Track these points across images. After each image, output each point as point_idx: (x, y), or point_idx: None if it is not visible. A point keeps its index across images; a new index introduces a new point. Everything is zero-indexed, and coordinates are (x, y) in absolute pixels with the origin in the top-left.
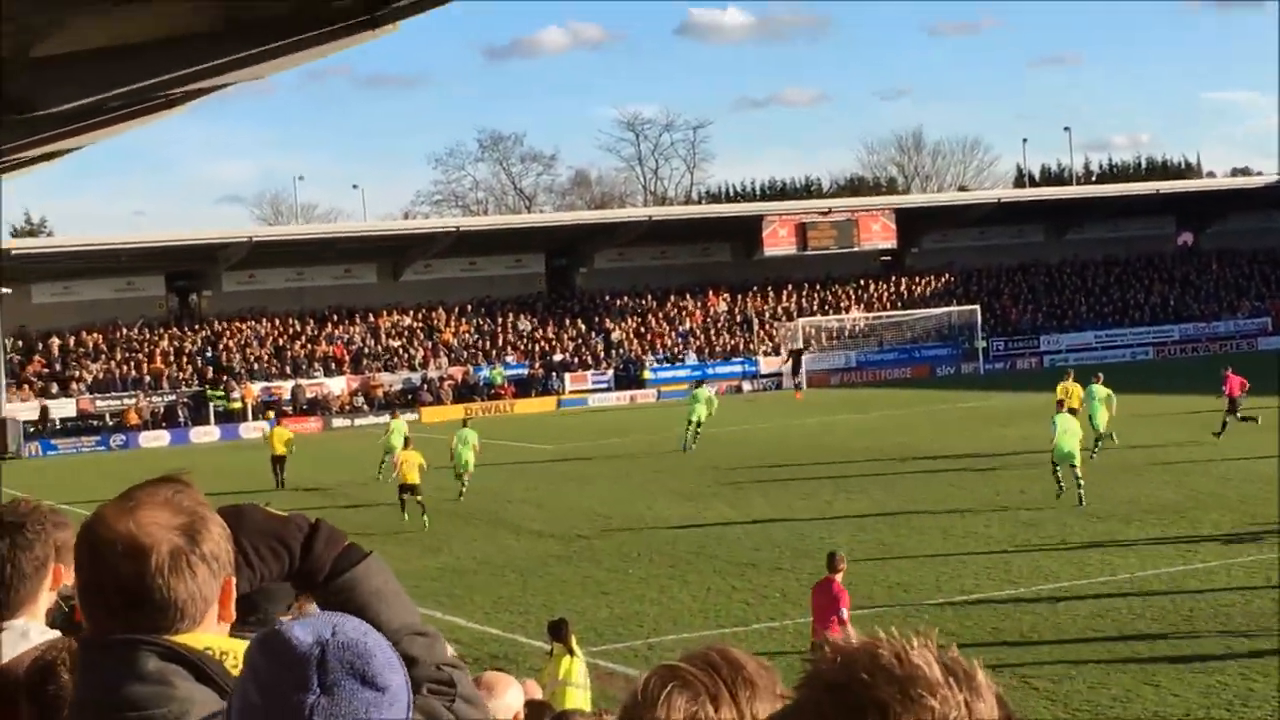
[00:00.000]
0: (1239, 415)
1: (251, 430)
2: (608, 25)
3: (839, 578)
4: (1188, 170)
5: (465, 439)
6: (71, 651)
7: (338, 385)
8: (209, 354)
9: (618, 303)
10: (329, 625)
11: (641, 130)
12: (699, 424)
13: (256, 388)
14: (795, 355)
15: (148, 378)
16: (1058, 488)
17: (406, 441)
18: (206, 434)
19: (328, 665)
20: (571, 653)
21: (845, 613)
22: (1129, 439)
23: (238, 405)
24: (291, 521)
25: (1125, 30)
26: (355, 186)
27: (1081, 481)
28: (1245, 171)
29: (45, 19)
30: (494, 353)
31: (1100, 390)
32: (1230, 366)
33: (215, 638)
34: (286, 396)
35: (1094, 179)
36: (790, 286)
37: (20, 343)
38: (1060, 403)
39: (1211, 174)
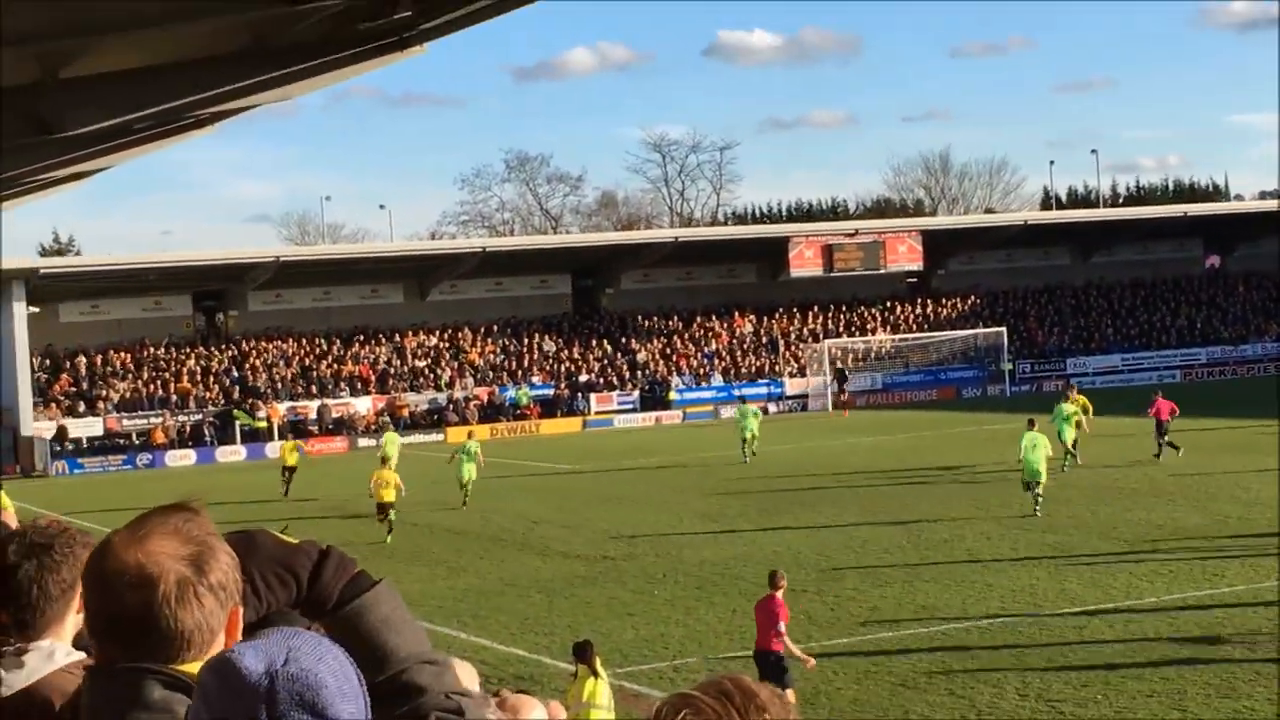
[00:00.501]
0: (1164, 440)
1: (278, 450)
2: (635, 46)
3: (779, 594)
4: (1215, 193)
5: (469, 452)
6: None
7: (364, 405)
8: (235, 373)
9: (644, 324)
10: (283, 651)
11: (668, 151)
12: (754, 438)
13: (282, 407)
14: (839, 375)
15: (174, 397)
16: (1034, 505)
17: (384, 460)
18: (233, 453)
19: (276, 696)
20: (596, 674)
21: (783, 626)
22: (1158, 464)
23: (263, 425)
24: (302, 550)
25: (1151, 54)
26: (382, 207)
27: (1040, 497)
28: (1273, 194)
29: (74, 41)
30: (520, 373)
31: (1067, 408)
32: (1161, 391)
33: None
34: (312, 416)
35: (1121, 202)
36: (816, 308)
37: (48, 361)
38: (1031, 421)
39: (1239, 197)
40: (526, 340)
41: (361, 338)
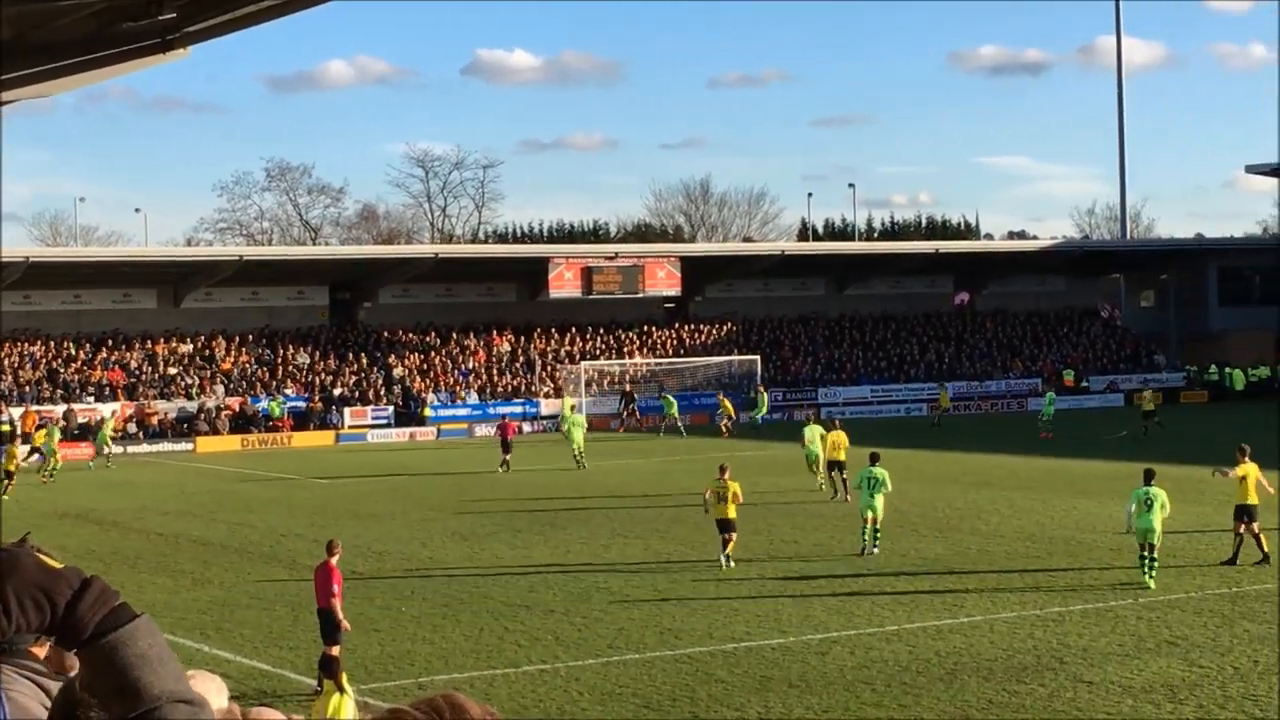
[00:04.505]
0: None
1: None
2: (393, 61)
3: (334, 560)
4: (967, 231)
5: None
6: None
7: (111, 411)
8: None
9: (401, 338)
10: None
11: (431, 167)
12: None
13: (17, 411)
14: (626, 396)
15: None
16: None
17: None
18: None
19: None
20: (342, 690)
21: (336, 588)
22: (903, 495)
23: (7, 428)
24: (63, 576)
25: (905, 94)
26: (137, 210)
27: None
28: (1021, 235)
29: None
30: (273, 384)
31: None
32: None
33: None
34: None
35: (876, 236)
36: (575, 329)
37: None
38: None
39: (989, 236)
40: (281, 351)
41: (111, 342)
